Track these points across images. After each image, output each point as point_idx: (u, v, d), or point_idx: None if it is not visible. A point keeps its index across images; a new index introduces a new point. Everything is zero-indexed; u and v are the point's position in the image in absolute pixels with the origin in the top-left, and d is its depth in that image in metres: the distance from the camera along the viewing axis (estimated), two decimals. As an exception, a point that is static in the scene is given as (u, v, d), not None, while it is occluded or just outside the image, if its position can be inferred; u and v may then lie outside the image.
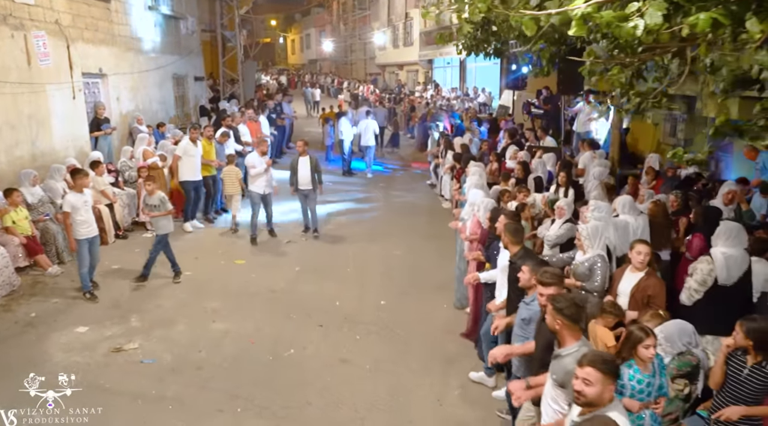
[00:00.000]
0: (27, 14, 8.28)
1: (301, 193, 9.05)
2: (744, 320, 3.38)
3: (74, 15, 9.58)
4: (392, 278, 7.61)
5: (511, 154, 10.17)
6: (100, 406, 4.46)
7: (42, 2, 8.63)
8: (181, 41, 14.70)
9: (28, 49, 8.25)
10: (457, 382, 5.17)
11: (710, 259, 4.74)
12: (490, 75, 22.81)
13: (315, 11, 53.33)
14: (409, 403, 4.83)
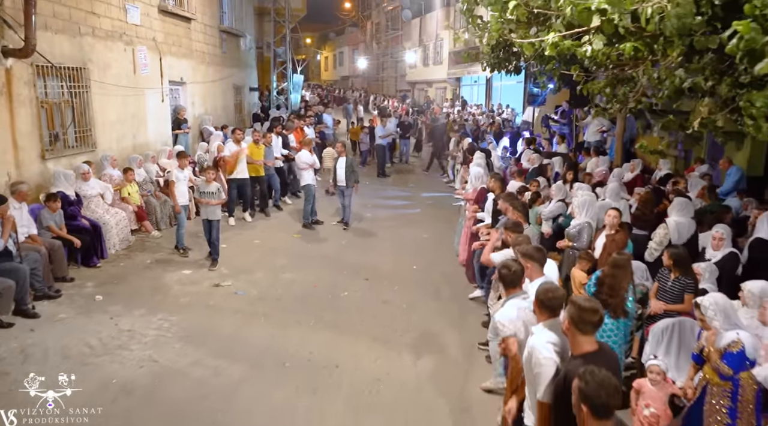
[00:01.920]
0: (135, 33, 10.33)
1: (338, 189, 10.42)
2: (669, 248, 4.96)
3: (166, 33, 11.65)
4: (421, 252, 9.28)
5: (527, 157, 11.83)
6: (209, 318, 6.27)
7: (144, 23, 10.68)
8: (240, 56, 16.83)
9: (134, 60, 10.27)
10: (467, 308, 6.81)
11: (665, 225, 6.32)
12: (515, 93, 24.45)
13: (349, 30, 55.77)
14: (435, 326, 6.48)
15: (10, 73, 7.15)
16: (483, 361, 5.66)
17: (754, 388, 3.79)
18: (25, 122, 7.47)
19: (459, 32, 6.22)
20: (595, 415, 2.44)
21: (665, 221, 6.43)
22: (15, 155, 7.30)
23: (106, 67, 9.34)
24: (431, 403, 4.95)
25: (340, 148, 10.64)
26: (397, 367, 5.56)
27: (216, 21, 14.70)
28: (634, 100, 6.19)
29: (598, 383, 2.44)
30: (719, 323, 3.89)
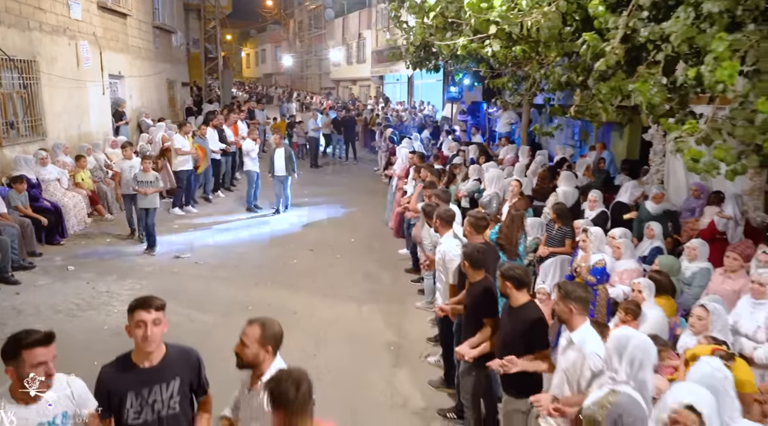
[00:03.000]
0: (77, 28, 10.76)
1: (277, 178, 11.09)
2: (554, 205, 6.46)
3: (105, 29, 12.07)
4: (356, 227, 10.46)
5: (447, 145, 13.33)
6: (176, 281, 7.13)
7: (85, 18, 11.11)
8: (172, 52, 17.22)
9: (77, 54, 10.70)
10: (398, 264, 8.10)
11: (555, 193, 7.91)
12: (435, 91, 26.13)
13: (271, 28, 55.82)
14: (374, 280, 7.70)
15: (-32, 64, 7.59)
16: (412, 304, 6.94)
17: (606, 299, 5.32)
18: (-18, 111, 7.91)
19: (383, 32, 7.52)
20: (473, 266, 3.99)
21: (555, 191, 8.03)
22: (-26, 142, 7.74)
23: (53, 60, 9.76)
24: (374, 336, 6.16)
25: (277, 140, 11.49)
26: (346, 313, 6.73)
27: (150, 17, 15.11)
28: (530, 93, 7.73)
29: (473, 247, 4.15)
30: (594, 246, 5.40)
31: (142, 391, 2.65)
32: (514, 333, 3.61)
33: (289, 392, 2.21)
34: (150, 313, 2.63)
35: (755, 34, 4.34)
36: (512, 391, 3.69)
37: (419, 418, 4.70)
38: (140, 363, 2.68)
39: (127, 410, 2.64)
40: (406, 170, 9.34)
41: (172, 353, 2.76)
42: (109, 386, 2.65)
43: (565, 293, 3.29)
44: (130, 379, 2.66)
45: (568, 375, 3.18)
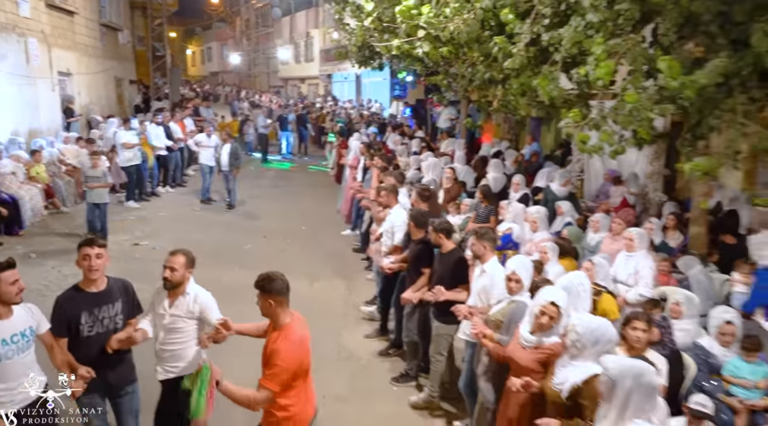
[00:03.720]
0: (26, 25, 10.93)
1: (222, 173, 11.53)
2: (480, 186, 7.37)
3: (53, 26, 12.24)
4: (306, 217, 11.14)
5: (392, 140, 14.19)
6: (139, 265, 7.61)
7: (34, 16, 11.29)
8: (119, 49, 17.31)
9: (27, 51, 10.88)
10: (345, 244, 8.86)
11: (485, 178, 8.86)
12: (382, 89, 27.00)
13: (217, 26, 55.22)
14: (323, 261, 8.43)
15: None
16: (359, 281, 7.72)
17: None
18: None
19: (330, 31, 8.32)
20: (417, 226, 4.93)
21: (486, 177, 8.99)
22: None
23: (2, 57, 9.97)
24: (324, 305, 6.90)
25: (224, 136, 12.06)
26: (298, 287, 7.29)
27: (96, 15, 15.23)
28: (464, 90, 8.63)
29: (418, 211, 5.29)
30: (510, 217, 6.34)
31: (94, 310, 3.40)
32: (444, 272, 4.59)
33: (281, 284, 3.09)
34: (93, 249, 3.38)
35: (631, 40, 5.36)
36: (441, 319, 4.59)
37: (362, 366, 5.49)
38: (88, 289, 3.43)
39: (83, 325, 3.36)
40: (357, 160, 10.14)
41: (112, 283, 3.56)
42: (65, 308, 3.35)
43: (480, 235, 4.35)
44: (82, 301, 3.39)
45: (480, 295, 4.15)
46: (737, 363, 4.01)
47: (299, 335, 3.07)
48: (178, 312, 3.58)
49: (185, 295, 3.62)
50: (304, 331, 3.16)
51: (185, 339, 3.63)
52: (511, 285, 3.88)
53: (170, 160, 12.96)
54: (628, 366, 2.53)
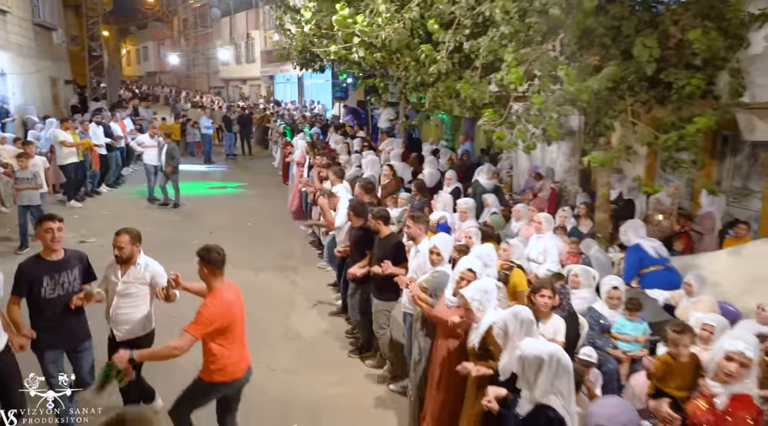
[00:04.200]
0: (-43, 24, 10.74)
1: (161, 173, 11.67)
2: (414, 180, 8.03)
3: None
4: (253, 213, 11.52)
5: (334, 139, 14.73)
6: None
7: (-35, 15, 11.09)
8: (54, 49, 16.95)
9: (-42, 51, 10.70)
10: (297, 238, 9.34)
11: (422, 174, 9.56)
12: (324, 91, 27.43)
13: (153, 25, 53.84)
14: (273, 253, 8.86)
15: None
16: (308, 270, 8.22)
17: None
18: None
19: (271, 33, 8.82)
20: (355, 215, 5.47)
21: (422, 172, 9.69)
22: None
23: (-66, 57, 9.79)
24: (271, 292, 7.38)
25: (164, 137, 12.27)
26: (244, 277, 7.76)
27: (29, 14, 14.90)
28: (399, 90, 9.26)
29: (356, 201, 5.84)
30: (440, 206, 7.02)
31: (54, 275, 3.97)
32: (383, 254, 5.15)
33: (216, 255, 3.65)
34: (55, 223, 4.00)
35: (540, 50, 6.15)
36: (379, 297, 5.20)
37: (309, 344, 6.02)
38: (49, 257, 4.01)
39: (44, 288, 3.92)
40: (303, 157, 10.63)
41: (70, 253, 4.18)
42: (28, 274, 3.91)
43: (415, 219, 5.09)
44: (44, 268, 3.97)
45: (416, 272, 4.82)
46: (622, 322, 4.81)
47: (226, 298, 3.68)
48: (130, 279, 4.18)
49: (136, 265, 4.24)
50: (232, 296, 3.75)
51: (137, 303, 4.23)
52: (432, 258, 4.55)
53: (110, 159, 12.99)
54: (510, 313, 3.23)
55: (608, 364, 4.67)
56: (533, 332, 3.17)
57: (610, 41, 5.95)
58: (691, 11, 5.61)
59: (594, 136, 6.48)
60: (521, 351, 2.68)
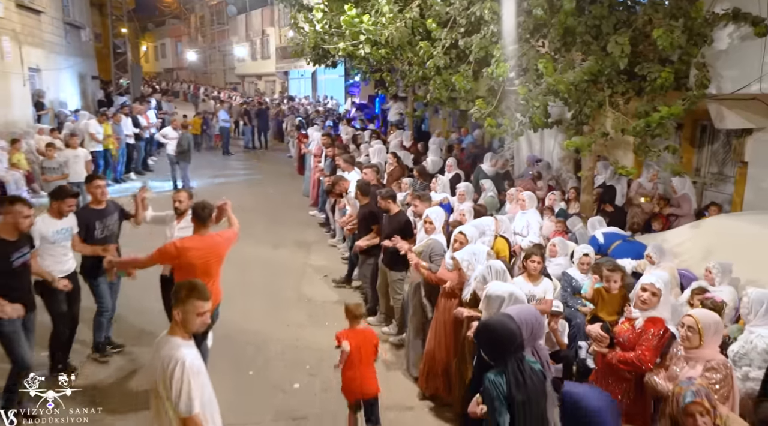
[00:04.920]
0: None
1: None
2: (416, 166, 8.78)
3: (22, 25, 12.96)
4: (269, 200, 12.35)
5: (345, 131, 15.52)
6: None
7: (6, 15, 12.02)
8: (82, 47, 17.95)
9: (1, 48, 11.64)
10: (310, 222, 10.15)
11: (426, 161, 10.30)
12: (337, 86, 28.18)
13: (170, 22, 54.97)
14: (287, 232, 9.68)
15: None
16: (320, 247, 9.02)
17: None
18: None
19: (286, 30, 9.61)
20: (362, 193, 6.08)
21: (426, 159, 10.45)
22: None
23: (-20, 54, 10.75)
24: (285, 264, 8.18)
25: (175, 125, 13.13)
26: (263, 252, 8.67)
27: (61, 13, 15.88)
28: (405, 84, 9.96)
29: (363, 181, 6.29)
30: (440, 189, 7.79)
31: (103, 219, 5.11)
32: (393, 231, 5.80)
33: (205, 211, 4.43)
34: (102, 182, 5.23)
35: (527, 45, 6.85)
36: (393, 268, 5.91)
37: (318, 306, 6.82)
38: (97, 207, 5.15)
39: (97, 230, 5.05)
40: (319, 149, 11.40)
41: (109, 203, 5.28)
42: (85, 219, 5.01)
43: (420, 197, 5.89)
44: (95, 214, 5.09)
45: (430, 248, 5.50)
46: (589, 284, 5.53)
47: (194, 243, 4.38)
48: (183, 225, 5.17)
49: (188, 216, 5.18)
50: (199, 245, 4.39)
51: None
52: (426, 227, 5.29)
53: (136, 149, 13.95)
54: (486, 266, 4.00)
55: (577, 319, 5.39)
56: (507, 279, 3.91)
57: (591, 38, 6.61)
58: (660, 12, 6.25)
59: (577, 125, 7.15)
60: (487, 291, 3.43)
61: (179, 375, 2.61)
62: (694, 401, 2.75)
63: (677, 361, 3.33)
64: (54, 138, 11.87)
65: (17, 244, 4.26)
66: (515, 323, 2.70)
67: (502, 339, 2.64)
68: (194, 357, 2.74)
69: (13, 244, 4.22)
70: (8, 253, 4.17)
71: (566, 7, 6.18)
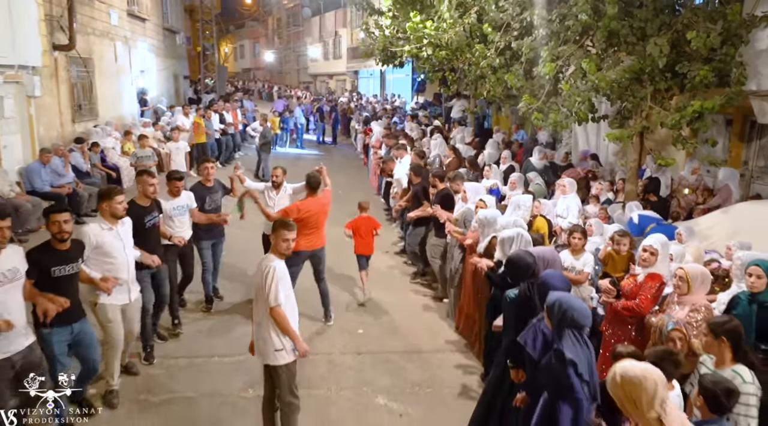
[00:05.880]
0: (114, 31, 13.58)
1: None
2: (468, 156, 9.65)
3: (132, 31, 14.90)
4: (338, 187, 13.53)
5: (409, 127, 16.55)
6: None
7: (120, 24, 13.92)
8: (176, 50, 20.02)
9: (115, 52, 13.52)
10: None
11: (483, 154, 11.13)
12: (404, 84, 29.22)
13: (249, 24, 58.04)
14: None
15: (57, 61, 10.43)
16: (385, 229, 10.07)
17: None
18: (64, 96, 10.76)
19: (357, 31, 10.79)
20: (414, 174, 7.05)
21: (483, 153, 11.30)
22: (60, 119, 10.59)
23: (100, 58, 12.60)
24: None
25: (262, 121, 14.73)
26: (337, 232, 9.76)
27: (161, 20, 17.90)
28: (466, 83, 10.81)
29: (416, 164, 7.41)
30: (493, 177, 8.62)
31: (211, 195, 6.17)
32: (438, 202, 6.85)
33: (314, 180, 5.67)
34: (211, 163, 6.27)
35: (573, 47, 7.59)
36: (435, 234, 6.95)
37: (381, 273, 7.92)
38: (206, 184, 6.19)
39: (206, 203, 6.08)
40: (379, 141, 12.56)
41: (215, 181, 6.31)
42: (199, 194, 5.98)
43: (452, 178, 6.65)
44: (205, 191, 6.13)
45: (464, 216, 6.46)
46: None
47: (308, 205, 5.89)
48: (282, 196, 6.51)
49: (284, 188, 6.59)
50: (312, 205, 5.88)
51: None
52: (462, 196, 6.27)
53: (223, 143, 15.56)
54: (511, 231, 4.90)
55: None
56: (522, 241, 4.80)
57: (635, 40, 7.25)
58: (699, 15, 6.82)
59: (622, 119, 7.79)
60: (499, 235, 4.34)
61: (270, 276, 3.69)
62: (675, 328, 3.55)
63: (671, 304, 4.10)
64: (157, 130, 13.66)
65: (149, 209, 5.11)
66: (532, 257, 3.62)
67: (521, 267, 3.59)
68: (282, 267, 3.84)
69: (145, 209, 5.07)
70: (142, 215, 4.99)
71: (609, 12, 6.88)
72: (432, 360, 5.64)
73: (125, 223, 4.61)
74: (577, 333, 2.82)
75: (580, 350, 2.76)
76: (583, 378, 2.71)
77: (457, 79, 11.48)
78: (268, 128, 14.29)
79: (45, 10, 9.67)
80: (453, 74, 11.28)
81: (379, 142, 12.62)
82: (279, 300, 3.71)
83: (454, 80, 11.32)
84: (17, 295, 3.61)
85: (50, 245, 3.96)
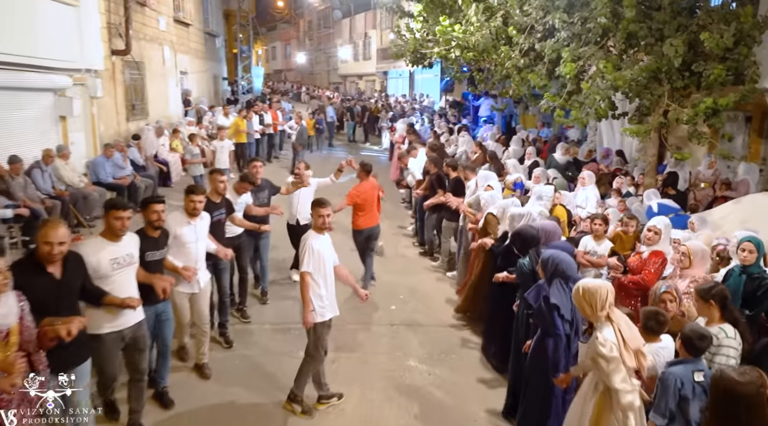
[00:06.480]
0: (162, 37, 14.54)
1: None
2: (489, 150, 10.19)
3: (177, 36, 15.87)
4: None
5: (437, 125, 17.15)
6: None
7: (167, 29, 14.89)
8: (215, 52, 21.05)
9: (162, 56, 14.48)
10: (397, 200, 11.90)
11: (507, 151, 11.65)
12: (433, 85, 29.72)
13: (281, 26, 59.25)
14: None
15: (115, 65, 11.38)
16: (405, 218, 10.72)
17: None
18: (120, 97, 11.71)
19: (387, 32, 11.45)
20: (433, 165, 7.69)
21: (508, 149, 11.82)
22: (117, 118, 11.54)
23: (150, 61, 13.56)
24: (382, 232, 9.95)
25: (297, 121, 15.48)
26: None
27: (202, 25, 18.91)
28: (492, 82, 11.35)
29: (434, 157, 7.69)
30: (513, 171, 9.16)
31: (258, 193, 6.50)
32: (451, 188, 7.55)
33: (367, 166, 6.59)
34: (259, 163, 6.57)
35: (593, 48, 8.08)
36: (447, 218, 7.65)
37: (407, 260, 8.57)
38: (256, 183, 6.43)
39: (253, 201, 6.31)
40: (402, 138, 13.23)
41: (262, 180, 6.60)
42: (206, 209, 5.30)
43: (463, 167, 7.35)
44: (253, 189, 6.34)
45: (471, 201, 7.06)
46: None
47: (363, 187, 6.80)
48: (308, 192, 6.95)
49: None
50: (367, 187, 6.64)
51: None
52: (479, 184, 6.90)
53: (262, 143, 16.39)
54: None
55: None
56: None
57: (654, 41, 7.69)
58: (714, 17, 7.25)
59: (640, 116, 8.24)
60: (510, 212, 4.94)
61: (304, 246, 4.35)
62: (666, 291, 4.09)
63: (674, 277, 4.63)
64: (200, 128, 14.56)
65: (218, 205, 5.43)
66: (536, 230, 4.23)
67: (526, 239, 4.20)
68: (317, 240, 4.41)
69: (215, 205, 5.38)
70: (212, 210, 5.25)
71: (628, 15, 7.36)
72: (455, 332, 6.27)
73: (204, 218, 4.88)
74: (563, 283, 3.50)
75: (565, 297, 3.47)
76: (565, 318, 3.41)
77: (485, 78, 12.05)
78: (304, 127, 15.12)
79: (106, 19, 10.61)
80: (480, 74, 11.85)
81: (402, 137, 13.30)
82: (308, 267, 4.31)
83: (481, 80, 11.89)
84: (133, 277, 4.00)
85: (145, 232, 4.27)
